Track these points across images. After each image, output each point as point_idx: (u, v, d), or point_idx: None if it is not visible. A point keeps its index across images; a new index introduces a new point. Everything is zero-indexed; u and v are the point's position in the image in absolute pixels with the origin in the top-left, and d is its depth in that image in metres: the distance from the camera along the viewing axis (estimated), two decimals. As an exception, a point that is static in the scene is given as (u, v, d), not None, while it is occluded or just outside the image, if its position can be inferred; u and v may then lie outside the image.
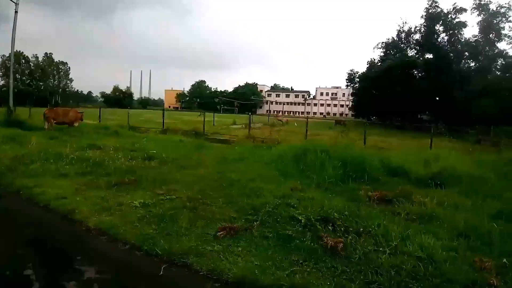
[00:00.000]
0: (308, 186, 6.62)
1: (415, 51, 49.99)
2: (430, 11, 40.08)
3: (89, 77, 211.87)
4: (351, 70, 61.29)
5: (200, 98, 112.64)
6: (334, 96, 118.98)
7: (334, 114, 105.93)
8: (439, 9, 39.77)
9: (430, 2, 40.15)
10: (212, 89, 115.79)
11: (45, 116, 14.54)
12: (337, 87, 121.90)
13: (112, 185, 6.46)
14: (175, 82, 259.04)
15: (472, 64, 39.77)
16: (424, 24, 41.10)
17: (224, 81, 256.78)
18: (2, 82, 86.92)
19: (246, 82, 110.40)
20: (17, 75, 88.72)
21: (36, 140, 11.16)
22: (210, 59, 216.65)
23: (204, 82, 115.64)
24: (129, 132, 15.67)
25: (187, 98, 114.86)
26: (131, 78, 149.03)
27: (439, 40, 40.60)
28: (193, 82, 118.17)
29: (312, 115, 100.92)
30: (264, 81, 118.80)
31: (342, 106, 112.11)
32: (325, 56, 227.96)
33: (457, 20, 39.04)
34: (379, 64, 52.46)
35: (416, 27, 50.38)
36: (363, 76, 55.40)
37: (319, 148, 9.32)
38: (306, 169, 8.10)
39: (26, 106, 41.36)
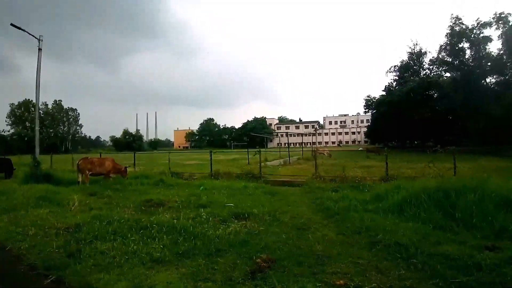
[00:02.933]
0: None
1: (433, 71, 48.98)
2: (455, 28, 39.13)
3: (96, 121, 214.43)
4: (367, 96, 60.59)
5: (209, 136, 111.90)
6: (343, 124, 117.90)
7: (347, 142, 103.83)
8: (463, 26, 38.77)
9: (453, 20, 39.30)
10: (220, 126, 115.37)
11: (79, 168, 12.34)
12: (345, 115, 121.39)
13: (248, 275, 4.05)
14: (181, 122, 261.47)
15: (500, 79, 38.05)
16: (448, 41, 39.99)
17: (231, 118, 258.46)
18: (12, 130, 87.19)
19: (255, 117, 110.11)
20: (26, 123, 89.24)
21: (73, 199, 8.96)
22: (215, 97, 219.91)
23: (212, 120, 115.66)
24: (174, 180, 13.37)
25: (197, 137, 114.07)
26: (137, 121, 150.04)
27: (466, 57, 39.30)
28: (201, 121, 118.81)
29: (324, 144, 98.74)
30: (271, 115, 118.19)
31: (353, 133, 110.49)
32: (329, 85, 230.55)
33: (482, 35, 37.84)
34: (396, 87, 51.29)
35: (424, 51, 49.98)
36: (381, 101, 54.06)
37: (458, 186, 7.16)
38: (464, 217, 6.21)
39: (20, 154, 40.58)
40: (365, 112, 66.50)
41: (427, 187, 7.77)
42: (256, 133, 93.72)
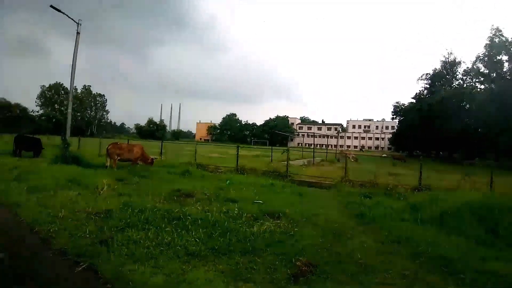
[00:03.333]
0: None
1: (466, 82, 46.86)
2: (494, 39, 37.16)
3: (122, 108, 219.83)
4: (397, 103, 58.81)
5: (230, 130, 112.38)
6: (366, 129, 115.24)
7: (369, 147, 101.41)
8: (503, 38, 36.73)
9: (494, 31, 37.36)
10: (242, 122, 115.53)
11: (109, 152, 12.45)
12: (369, 120, 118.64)
13: (290, 279, 3.82)
14: (203, 115, 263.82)
15: None
16: (486, 53, 38.06)
17: (252, 115, 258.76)
18: (41, 111, 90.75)
19: (277, 115, 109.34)
20: (55, 105, 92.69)
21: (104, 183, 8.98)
22: (238, 93, 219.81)
23: (234, 115, 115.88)
24: (200, 171, 13.30)
25: (218, 131, 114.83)
26: (161, 111, 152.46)
27: (504, 70, 37.30)
28: (223, 115, 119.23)
29: (346, 148, 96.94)
30: (293, 114, 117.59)
31: (377, 139, 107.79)
32: (355, 89, 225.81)
33: None
34: (427, 96, 49.40)
35: (458, 60, 47.72)
36: (410, 108, 52.28)
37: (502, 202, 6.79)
38: (507, 234, 6.05)
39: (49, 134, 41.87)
40: (392, 119, 64.40)
41: (469, 202, 7.40)
42: (279, 131, 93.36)
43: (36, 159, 15.06)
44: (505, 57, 37.24)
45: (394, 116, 60.48)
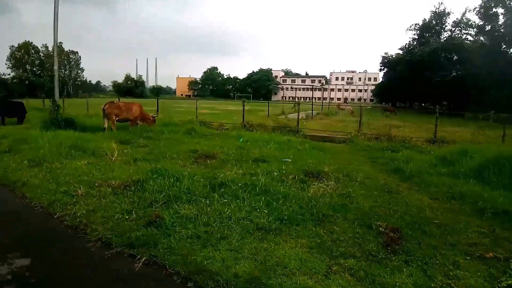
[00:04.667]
0: None
1: (454, 33, 46.20)
2: None
3: (96, 66, 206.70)
4: (385, 53, 57.85)
5: (212, 85, 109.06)
6: (349, 80, 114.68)
7: (352, 99, 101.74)
8: None
9: None
10: (224, 76, 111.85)
11: (106, 113, 11.28)
12: (352, 71, 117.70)
13: (387, 248, 3.43)
14: (182, 69, 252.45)
15: None
16: (483, 4, 36.95)
17: (235, 68, 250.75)
18: (12, 73, 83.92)
19: (260, 68, 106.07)
20: (27, 66, 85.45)
21: (109, 147, 8.09)
22: (219, 45, 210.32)
23: (216, 68, 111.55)
24: (206, 129, 12.50)
25: (199, 86, 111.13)
26: (137, 66, 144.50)
27: (499, 23, 36.62)
28: (203, 69, 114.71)
29: (330, 100, 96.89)
30: (275, 67, 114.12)
31: (360, 91, 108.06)
32: (337, 39, 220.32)
33: None
34: (417, 47, 48.59)
35: (447, 11, 46.50)
36: (399, 60, 51.61)
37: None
38: None
39: (39, 97, 38.64)
40: (381, 70, 63.72)
41: (501, 154, 7.10)
42: (263, 85, 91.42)
43: (21, 126, 13.72)
44: (501, 10, 36.34)
45: (382, 68, 59.82)
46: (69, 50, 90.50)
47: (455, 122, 21.97)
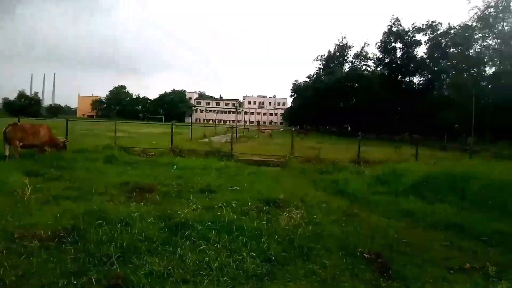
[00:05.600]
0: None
1: (354, 64, 53.33)
2: (393, 28, 42.92)
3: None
4: (295, 81, 62.86)
5: (119, 105, 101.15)
6: (261, 104, 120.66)
7: (264, 122, 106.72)
8: (401, 27, 42.79)
9: (393, 20, 43.03)
10: (133, 95, 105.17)
11: (7, 137, 9.03)
12: (263, 96, 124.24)
13: (381, 275, 3.43)
14: (82, 88, 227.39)
15: (422, 79, 43.94)
16: (383, 39, 43.79)
17: (143, 88, 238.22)
18: None
19: (174, 89, 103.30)
20: None
21: (16, 182, 6.36)
22: (127, 63, 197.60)
23: (124, 87, 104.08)
24: (129, 156, 11.07)
25: (105, 105, 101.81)
26: (31, 83, 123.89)
27: (397, 56, 43.81)
28: (109, 88, 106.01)
29: (243, 123, 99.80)
30: (188, 89, 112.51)
31: (271, 114, 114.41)
32: (248, 64, 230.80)
33: (414, 38, 42.56)
34: (324, 76, 54.11)
35: (349, 45, 54.10)
36: (307, 87, 56.55)
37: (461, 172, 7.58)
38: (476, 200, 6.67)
39: None
40: (291, 96, 68.77)
41: (430, 173, 8.05)
42: (176, 106, 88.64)
43: None
44: (399, 44, 43.55)
45: (293, 94, 64.66)
46: None
47: (364, 143, 24.69)
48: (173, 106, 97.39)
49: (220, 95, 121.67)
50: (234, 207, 5.24)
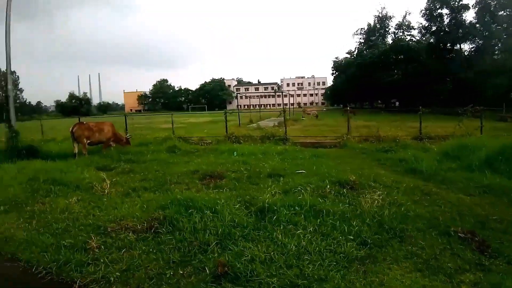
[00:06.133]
0: None
1: (397, 35, 49.87)
2: None
3: (35, 86, 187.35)
4: (336, 58, 60.83)
5: (163, 98, 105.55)
6: (300, 86, 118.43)
7: (305, 103, 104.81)
8: None
9: None
10: (175, 88, 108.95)
11: (75, 135, 9.82)
12: (301, 77, 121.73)
13: (483, 254, 3.26)
14: (127, 84, 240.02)
15: (473, 46, 40.14)
16: (428, 6, 40.52)
17: (184, 80, 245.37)
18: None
19: (212, 78, 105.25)
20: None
21: (92, 177, 6.87)
22: (163, 57, 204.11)
23: (166, 81, 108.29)
24: (187, 145, 11.52)
25: (150, 99, 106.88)
26: (79, 83, 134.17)
27: (444, 23, 40.35)
28: (149, 82, 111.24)
29: (284, 106, 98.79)
30: (227, 76, 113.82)
31: (311, 95, 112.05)
32: (284, 46, 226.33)
33: (461, 3, 39.01)
34: (366, 50, 51.51)
35: (389, 15, 50.41)
36: (350, 63, 54.29)
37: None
38: None
39: None
40: (332, 74, 66.62)
41: (507, 146, 7.38)
42: (216, 95, 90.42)
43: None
44: (446, 11, 39.99)
45: (334, 71, 62.66)
46: (5, 70, 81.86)
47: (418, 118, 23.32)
48: (214, 95, 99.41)
49: (258, 80, 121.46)
50: (309, 191, 5.23)
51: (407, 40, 46.46)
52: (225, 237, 3.60)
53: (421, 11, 41.96)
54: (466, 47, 40.90)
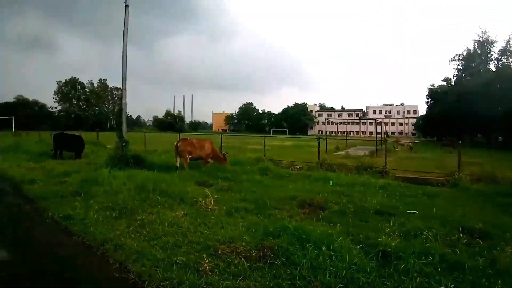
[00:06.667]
0: None
1: (500, 62, 43.54)
2: None
3: (136, 102, 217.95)
4: (431, 85, 56.00)
5: (248, 120, 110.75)
6: (388, 114, 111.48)
7: (393, 133, 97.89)
8: None
9: None
10: (259, 111, 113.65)
11: (178, 150, 10.72)
12: (389, 104, 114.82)
13: None
14: (214, 106, 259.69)
15: None
16: None
17: (265, 103, 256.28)
18: (59, 107, 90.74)
19: (295, 103, 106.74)
20: (73, 100, 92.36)
21: (195, 192, 7.19)
22: (248, 82, 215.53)
23: (251, 104, 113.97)
24: (278, 169, 11.53)
25: (235, 120, 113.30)
26: (174, 102, 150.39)
27: None
28: (236, 105, 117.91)
29: (369, 134, 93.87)
30: (309, 101, 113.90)
31: (400, 124, 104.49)
32: (371, 73, 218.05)
33: None
34: (466, 78, 46.19)
35: (491, 40, 44.25)
36: (445, 91, 49.20)
37: None
38: None
39: (85, 131, 39.75)
40: (427, 103, 61.10)
41: None
42: (298, 119, 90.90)
43: (82, 161, 13.52)
44: None
45: (429, 100, 57.50)
46: (112, 86, 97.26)
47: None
48: (296, 119, 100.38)
49: (342, 106, 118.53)
50: (431, 236, 4.57)
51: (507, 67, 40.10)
52: (347, 282, 3.25)
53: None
54: None
